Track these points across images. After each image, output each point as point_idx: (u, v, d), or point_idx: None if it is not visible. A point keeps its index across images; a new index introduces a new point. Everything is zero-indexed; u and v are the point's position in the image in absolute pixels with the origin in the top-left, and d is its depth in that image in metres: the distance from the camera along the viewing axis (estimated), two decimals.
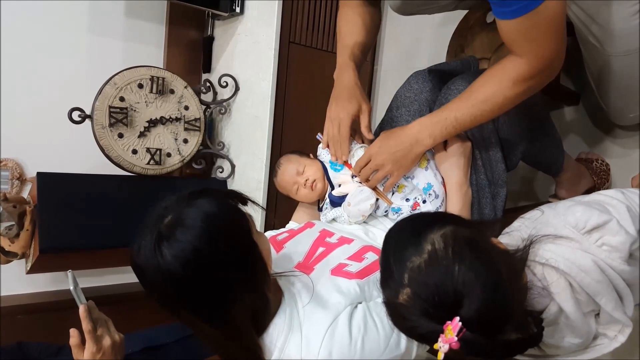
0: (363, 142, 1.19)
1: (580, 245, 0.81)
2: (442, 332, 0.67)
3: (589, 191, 1.54)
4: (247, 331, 0.84)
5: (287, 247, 1.08)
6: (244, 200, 0.89)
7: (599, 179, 1.55)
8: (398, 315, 0.74)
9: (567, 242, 0.82)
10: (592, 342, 0.85)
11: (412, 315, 0.71)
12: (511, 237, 0.90)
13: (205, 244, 0.77)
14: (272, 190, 1.84)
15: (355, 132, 1.19)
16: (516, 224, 0.94)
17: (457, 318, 0.66)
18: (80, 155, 1.85)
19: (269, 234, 1.19)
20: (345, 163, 1.17)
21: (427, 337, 0.70)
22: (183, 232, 0.77)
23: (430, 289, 0.69)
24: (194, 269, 0.77)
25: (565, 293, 0.80)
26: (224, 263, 0.79)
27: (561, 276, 0.80)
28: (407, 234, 0.77)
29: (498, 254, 0.77)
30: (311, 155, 1.27)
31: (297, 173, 1.21)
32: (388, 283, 0.76)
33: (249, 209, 0.90)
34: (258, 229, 0.89)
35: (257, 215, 1.84)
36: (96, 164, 1.78)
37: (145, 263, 0.79)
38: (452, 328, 0.66)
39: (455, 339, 0.65)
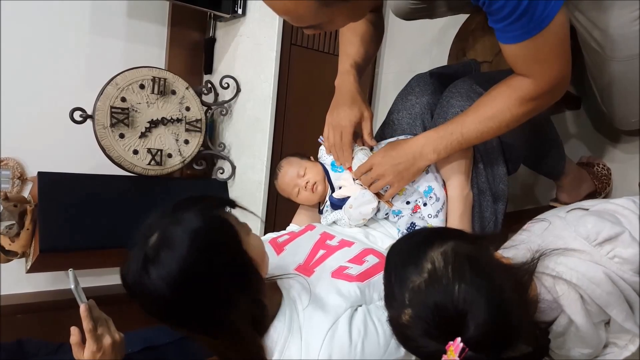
0: (364, 145, 1.20)
1: (591, 257, 0.80)
2: (445, 352, 0.66)
3: (590, 195, 1.54)
4: (249, 336, 0.84)
5: (287, 250, 1.08)
6: (233, 204, 0.87)
7: (600, 184, 1.55)
8: (402, 335, 0.74)
9: (578, 253, 0.81)
10: (602, 350, 0.84)
11: (415, 336, 0.70)
12: (517, 249, 0.89)
13: (193, 264, 0.76)
14: (273, 192, 1.84)
15: (356, 135, 1.19)
16: (522, 236, 0.92)
17: (459, 339, 0.65)
18: (81, 155, 1.85)
19: (270, 235, 1.19)
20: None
21: (432, 357, 0.69)
22: (169, 254, 0.75)
23: (431, 309, 0.69)
24: (183, 289, 0.76)
25: (575, 305, 0.79)
26: (214, 279, 0.78)
27: (572, 288, 0.80)
28: (407, 251, 0.76)
29: (501, 269, 0.75)
30: (312, 158, 1.27)
31: (297, 175, 1.21)
32: (391, 303, 0.75)
33: (239, 212, 0.89)
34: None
35: (257, 219, 1.84)
36: (97, 164, 1.78)
37: (134, 285, 0.78)
38: (454, 349, 0.65)
39: (458, 359, 0.65)
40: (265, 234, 1.77)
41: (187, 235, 0.76)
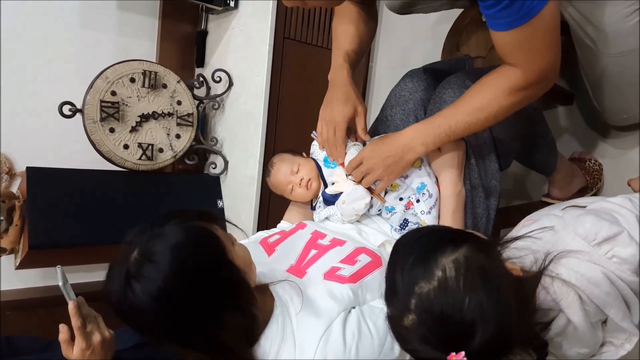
0: (357, 140, 1.19)
1: (589, 257, 0.80)
2: None
3: (581, 190, 1.55)
4: (239, 349, 0.83)
5: (278, 251, 1.07)
6: (214, 218, 0.85)
7: (592, 179, 1.56)
8: (400, 337, 0.73)
9: (577, 253, 0.80)
10: (599, 349, 0.84)
11: (415, 341, 0.70)
12: (523, 258, 0.87)
13: (176, 278, 0.75)
14: (266, 187, 1.83)
15: (350, 131, 1.19)
16: (527, 243, 0.89)
17: (463, 353, 0.65)
18: (71, 149, 1.84)
19: (260, 235, 1.18)
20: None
21: None
22: (151, 269, 0.74)
23: (437, 319, 0.68)
24: (169, 304, 0.75)
25: (574, 306, 0.79)
26: (200, 292, 0.76)
27: (571, 289, 0.79)
28: (417, 251, 0.74)
29: (511, 282, 0.75)
30: (304, 154, 1.26)
31: (291, 172, 1.20)
32: (393, 301, 0.74)
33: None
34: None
35: (248, 220, 1.84)
36: (87, 159, 1.76)
37: (118, 302, 0.77)
38: None
39: None
40: (257, 229, 1.77)
41: (169, 248, 0.75)
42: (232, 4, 1.93)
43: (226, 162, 1.99)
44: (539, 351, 0.76)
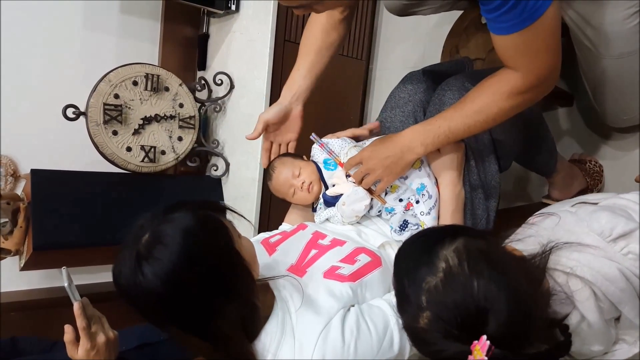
0: (363, 139, 1.20)
1: (605, 253, 0.79)
2: (470, 352, 0.65)
3: (581, 192, 1.55)
4: (238, 341, 0.84)
5: (279, 250, 1.08)
6: (222, 209, 0.88)
7: (592, 180, 1.56)
8: (420, 340, 0.72)
9: (592, 249, 0.80)
10: (611, 347, 0.84)
11: (436, 339, 0.69)
12: (526, 243, 0.87)
13: (185, 260, 0.76)
14: (267, 189, 1.83)
15: (352, 134, 1.20)
16: (530, 230, 0.89)
17: (484, 337, 0.64)
18: (75, 152, 1.85)
19: (262, 235, 1.18)
20: (340, 163, 1.18)
21: (454, 359, 0.68)
22: (161, 250, 0.76)
23: (451, 309, 0.67)
24: (177, 286, 0.77)
25: (589, 302, 0.78)
26: (207, 277, 0.78)
27: (585, 285, 0.79)
28: (417, 253, 0.75)
29: (515, 261, 0.75)
30: (304, 157, 1.27)
31: (292, 176, 1.20)
32: (405, 308, 0.74)
33: (230, 215, 0.89)
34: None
35: (250, 216, 1.84)
36: (90, 161, 1.77)
37: (127, 284, 0.78)
38: (481, 348, 0.64)
39: (486, 359, 0.63)
40: (259, 231, 1.78)
41: (179, 232, 0.77)
42: (233, 7, 1.94)
43: (227, 164, 1.99)
44: (563, 335, 0.75)
